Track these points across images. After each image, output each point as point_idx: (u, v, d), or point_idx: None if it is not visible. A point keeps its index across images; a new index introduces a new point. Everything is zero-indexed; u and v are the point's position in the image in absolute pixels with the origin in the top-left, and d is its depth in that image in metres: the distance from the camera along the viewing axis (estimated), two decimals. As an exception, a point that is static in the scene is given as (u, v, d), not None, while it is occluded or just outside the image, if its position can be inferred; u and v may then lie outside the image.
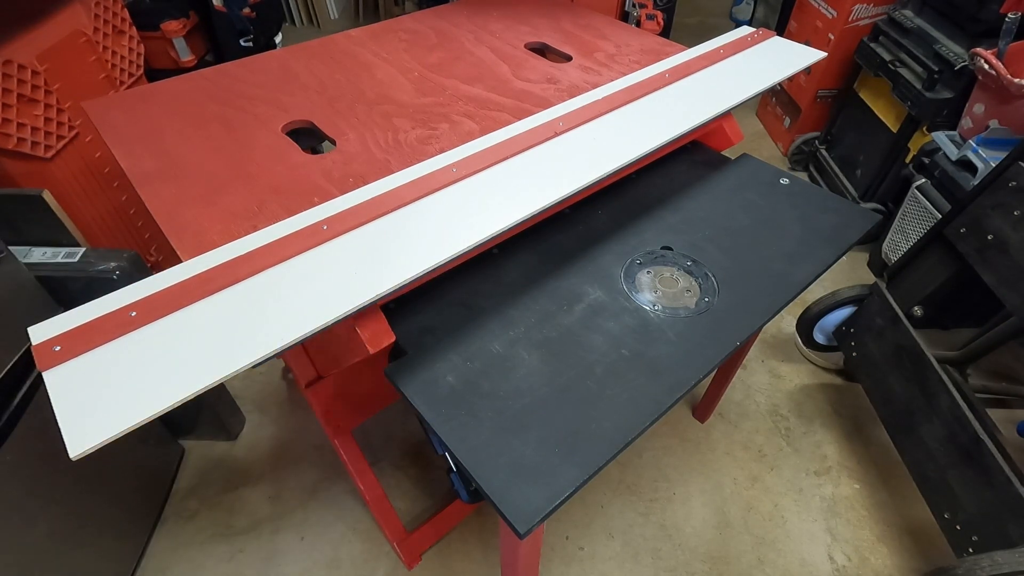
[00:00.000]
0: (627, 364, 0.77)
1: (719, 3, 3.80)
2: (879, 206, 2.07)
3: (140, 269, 1.17)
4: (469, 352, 0.79)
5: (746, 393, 1.73)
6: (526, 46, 1.32)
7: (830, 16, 2.27)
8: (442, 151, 0.95)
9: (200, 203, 0.87)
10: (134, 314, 0.66)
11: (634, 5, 2.36)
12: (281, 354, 0.66)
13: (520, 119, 1.02)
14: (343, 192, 0.86)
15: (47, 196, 1.17)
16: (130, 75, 1.90)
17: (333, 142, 1.01)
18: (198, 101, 1.09)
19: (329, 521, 1.42)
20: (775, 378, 1.78)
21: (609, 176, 0.93)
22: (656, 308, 0.84)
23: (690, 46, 1.27)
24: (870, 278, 2.03)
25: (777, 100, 2.77)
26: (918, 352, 1.32)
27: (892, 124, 2.01)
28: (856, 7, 2.16)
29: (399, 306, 0.85)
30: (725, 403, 1.68)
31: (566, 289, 0.88)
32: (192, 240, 0.80)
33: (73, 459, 0.54)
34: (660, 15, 2.32)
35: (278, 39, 2.80)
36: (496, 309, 0.85)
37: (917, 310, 1.44)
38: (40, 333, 0.64)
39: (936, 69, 1.76)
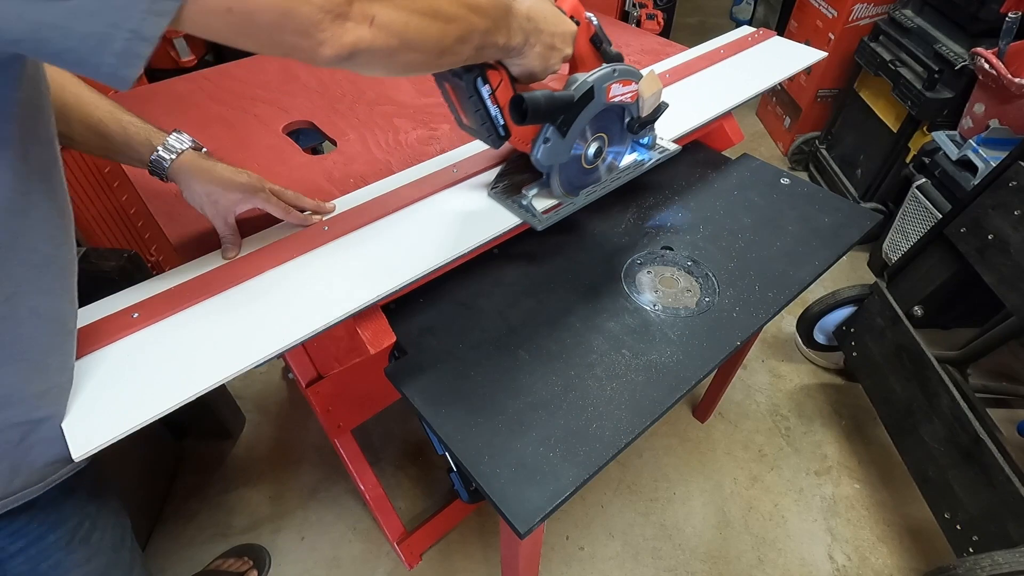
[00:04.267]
0: (627, 364, 0.77)
1: (719, 3, 3.79)
2: (879, 206, 2.07)
3: (140, 269, 1.17)
4: (469, 352, 0.79)
5: (746, 393, 1.73)
6: (526, 46, 1.32)
7: (830, 16, 2.27)
8: (443, 152, 0.95)
9: (201, 203, 0.86)
10: (136, 315, 0.67)
11: (634, 5, 2.36)
12: (282, 354, 0.66)
13: (520, 119, 1.02)
14: (344, 193, 0.86)
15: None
16: (130, 75, 1.90)
17: (334, 143, 1.01)
18: (199, 102, 1.09)
19: (329, 521, 1.42)
20: (775, 378, 1.78)
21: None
22: (656, 308, 0.84)
23: (690, 46, 1.27)
24: (870, 278, 2.03)
25: (777, 100, 2.77)
26: (918, 352, 1.32)
27: (892, 124, 2.01)
28: (856, 7, 2.16)
29: (399, 306, 0.85)
30: (725, 403, 1.68)
31: (566, 289, 0.88)
32: (194, 241, 0.81)
33: (75, 460, 0.54)
34: (660, 15, 2.32)
35: (278, 39, 2.79)
36: (496, 309, 0.85)
37: (917, 310, 1.44)
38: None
39: (936, 69, 1.76)
